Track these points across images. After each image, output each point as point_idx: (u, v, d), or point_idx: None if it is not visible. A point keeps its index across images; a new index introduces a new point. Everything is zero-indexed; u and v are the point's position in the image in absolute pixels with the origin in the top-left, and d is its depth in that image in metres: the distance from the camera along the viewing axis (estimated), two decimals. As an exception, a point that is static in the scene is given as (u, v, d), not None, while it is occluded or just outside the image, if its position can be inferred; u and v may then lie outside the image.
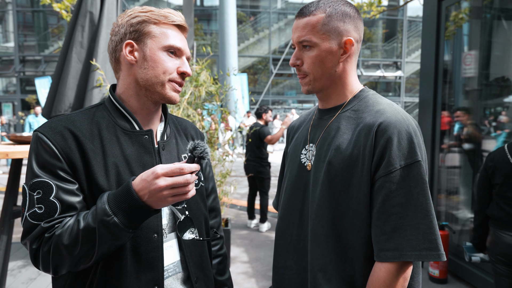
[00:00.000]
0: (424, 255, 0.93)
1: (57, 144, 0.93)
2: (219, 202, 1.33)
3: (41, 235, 0.90)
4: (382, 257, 0.96)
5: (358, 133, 1.02)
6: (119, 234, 0.87)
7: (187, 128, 1.23)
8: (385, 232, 0.95)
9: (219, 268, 1.27)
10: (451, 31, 3.89)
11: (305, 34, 1.04)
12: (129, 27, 1.01)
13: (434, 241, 0.93)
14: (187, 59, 1.06)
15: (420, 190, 0.94)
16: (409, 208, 0.94)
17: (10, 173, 2.56)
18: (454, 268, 3.60)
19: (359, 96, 1.10)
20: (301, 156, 1.16)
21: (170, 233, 1.05)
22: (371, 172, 0.98)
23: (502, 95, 3.49)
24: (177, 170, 0.85)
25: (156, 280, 0.98)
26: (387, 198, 0.95)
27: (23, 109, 19.66)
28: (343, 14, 1.05)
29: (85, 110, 1.04)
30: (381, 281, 0.96)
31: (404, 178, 0.94)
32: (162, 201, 0.86)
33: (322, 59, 1.05)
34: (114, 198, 0.87)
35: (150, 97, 1.03)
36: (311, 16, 1.04)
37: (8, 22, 22.07)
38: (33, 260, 0.93)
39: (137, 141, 1.02)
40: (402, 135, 0.96)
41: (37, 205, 0.90)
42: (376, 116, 1.01)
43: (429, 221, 0.94)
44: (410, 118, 1.02)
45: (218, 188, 3.59)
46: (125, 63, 1.03)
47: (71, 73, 2.70)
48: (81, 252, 0.87)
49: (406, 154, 0.95)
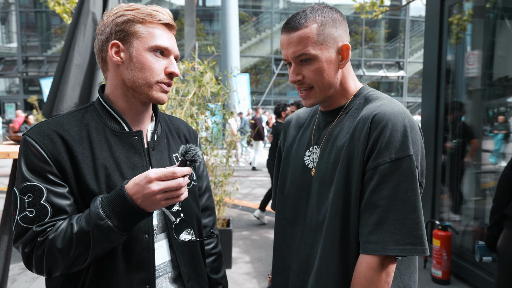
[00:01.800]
0: (408, 249, 0.91)
1: (46, 148, 0.92)
2: (213, 201, 1.32)
3: (33, 239, 0.90)
4: (365, 249, 0.94)
5: (354, 127, 1.01)
6: (113, 237, 0.88)
7: (180, 127, 1.21)
8: (370, 224, 0.94)
9: (213, 267, 1.27)
10: (453, 31, 3.87)
11: (302, 48, 1.00)
12: (114, 26, 0.98)
13: (420, 236, 0.91)
14: (176, 58, 1.04)
15: (409, 185, 0.92)
16: (396, 202, 0.92)
17: (12, 173, 2.56)
18: (457, 269, 3.59)
19: (359, 94, 1.10)
20: (305, 158, 1.15)
21: (160, 233, 1.05)
22: (363, 163, 0.96)
23: (505, 95, 3.47)
24: (170, 174, 0.85)
25: (147, 279, 0.99)
26: (375, 190, 0.94)
27: (25, 110, 19.75)
28: (333, 20, 1.02)
29: (74, 112, 1.03)
30: (362, 275, 0.94)
31: (394, 171, 0.93)
32: (155, 204, 0.87)
33: (324, 70, 1.02)
34: (108, 202, 0.88)
35: (138, 98, 1.02)
36: (303, 29, 1.00)
37: (11, 22, 22.18)
38: (26, 263, 0.93)
39: (127, 142, 1.01)
40: (396, 127, 0.94)
41: (28, 208, 0.90)
42: (372, 109, 0.99)
43: (416, 216, 0.92)
44: (408, 113, 1.00)
45: (220, 188, 3.59)
46: (111, 63, 1.01)
47: (73, 71, 2.69)
48: (75, 255, 0.88)
49: (398, 147, 0.93)
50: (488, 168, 3.64)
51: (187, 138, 1.21)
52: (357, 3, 7.33)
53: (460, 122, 3.83)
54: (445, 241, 3.43)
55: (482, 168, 3.67)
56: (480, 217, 3.62)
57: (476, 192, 3.69)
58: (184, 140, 1.19)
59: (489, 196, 3.57)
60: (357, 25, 23.47)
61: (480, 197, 3.66)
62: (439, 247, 3.45)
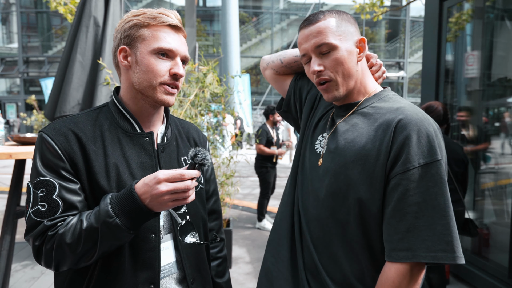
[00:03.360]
0: (439, 256, 0.89)
1: (60, 145, 0.95)
2: (220, 205, 1.34)
3: (44, 232, 0.92)
4: (394, 257, 0.93)
5: (375, 129, 1.00)
6: (120, 235, 0.90)
7: (190, 131, 1.24)
8: (399, 231, 0.92)
9: (218, 270, 1.28)
10: (453, 31, 3.89)
11: (323, 38, 1.02)
12: (123, 32, 1.02)
13: (450, 242, 0.90)
14: (183, 59, 1.05)
15: (439, 190, 0.91)
16: (426, 208, 0.91)
17: (14, 173, 2.58)
18: (456, 269, 3.60)
19: (380, 94, 1.09)
20: (316, 142, 1.15)
21: (166, 234, 1.07)
22: (386, 169, 0.95)
23: (505, 96, 3.49)
24: (178, 176, 0.87)
25: (152, 279, 1.01)
26: (403, 196, 0.92)
27: (26, 110, 19.76)
28: (348, 18, 1.07)
29: (89, 112, 1.06)
30: (389, 282, 0.93)
31: (423, 177, 0.91)
32: (163, 205, 0.89)
33: (344, 60, 1.02)
34: (117, 201, 0.90)
35: (146, 100, 1.04)
36: (322, 21, 1.03)
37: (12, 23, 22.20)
38: (35, 256, 0.95)
39: (138, 143, 1.04)
40: (422, 133, 0.93)
41: (41, 203, 0.93)
42: (396, 113, 0.99)
43: (446, 222, 0.90)
44: (432, 120, 1.00)
45: (221, 189, 3.61)
46: (122, 67, 1.05)
47: (76, 73, 2.71)
48: (82, 251, 0.90)
49: (426, 152, 0.92)
50: (487, 169, 3.65)
51: (196, 142, 1.23)
52: (357, 4, 7.35)
53: (459, 122, 3.84)
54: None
55: (481, 169, 3.68)
56: (479, 218, 3.64)
57: (475, 192, 3.71)
58: (193, 144, 1.22)
59: (488, 196, 3.59)
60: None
61: (479, 198, 3.67)
62: (438, 247, 3.46)
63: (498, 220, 3.43)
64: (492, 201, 3.57)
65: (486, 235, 3.53)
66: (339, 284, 1.02)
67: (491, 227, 3.51)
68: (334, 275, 1.03)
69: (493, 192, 3.56)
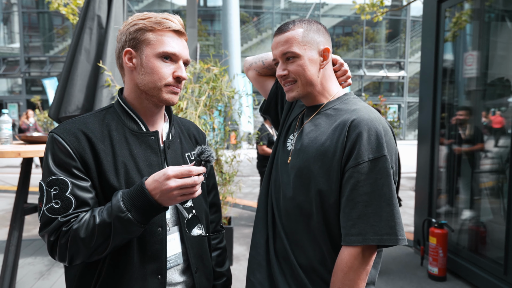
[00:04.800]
0: (385, 239, 1.02)
1: (72, 145, 1.00)
2: (219, 198, 1.41)
3: (58, 228, 0.97)
4: (348, 241, 1.05)
5: (334, 128, 1.12)
6: (132, 229, 0.95)
7: (190, 128, 1.31)
8: (351, 218, 1.04)
9: (218, 260, 1.36)
10: (451, 32, 3.94)
11: (288, 47, 1.15)
12: (128, 35, 1.07)
13: (393, 227, 1.02)
14: (185, 62, 1.11)
15: (385, 182, 1.03)
16: (374, 197, 1.03)
17: (21, 172, 2.65)
18: (453, 266, 3.66)
19: (342, 98, 1.21)
20: (287, 141, 1.27)
21: (173, 226, 1.13)
22: (341, 163, 1.07)
23: (504, 96, 3.54)
24: (186, 172, 0.93)
25: (159, 270, 1.06)
26: (355, 187, 1.04)
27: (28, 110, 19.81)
28: (317, 29, 1.18)
29: (96, 113, 1.12)
30: (343, 263, 1.05)
31: (371, 170, 1.03)
32: (172, 200, 0.95)
33: (306, 66, 1.15)
34: (128, 196, 0.96)
35: (150, 100, 1.10)
36: (290, 31, 1.15)
37: (13, 23, 22.27)
38: (50, 251, 1.00)
39: (144, 142, 1.10)
40: (372, 132, 1.05)
41: (54, 200, 0.97)
42: (351, 114, 1.11)
43: (390, 209, 1.02)
44: (383, 120, 1.12)
45: (224, 187, 3.66)
46: (126, 69, 1.10)
47: (79, 74, 2.76)
48: (96, 245, 0.95)
49: (375, 148, 1.04)
50: (485, 168, 3.71)
51: (196, 138, 1.30)
52: (357, 4, 7.39)
53: (458, 122, 3.90)
54: (441, 239, 3.51)
55: (479, 168, 3.74)
56: (476, 216, 3.70)
57: (472, 190, 3.76)
58: (194, 141, 1.28)
59: (485, 195, 3.64)
60: (358, 25, 23.51)
61: (477, 196, 3.73)
62: (435, 245, 3.52)
63: (495, 218, 3.49)
64: (488, 199, 3.63)
65: (483, 233, 3.59)
66: (304, 267, 1.15)
67: (487, 225, 3.57)
68: (301, 260, 1.16)
69: (489, 190, 3.61)
